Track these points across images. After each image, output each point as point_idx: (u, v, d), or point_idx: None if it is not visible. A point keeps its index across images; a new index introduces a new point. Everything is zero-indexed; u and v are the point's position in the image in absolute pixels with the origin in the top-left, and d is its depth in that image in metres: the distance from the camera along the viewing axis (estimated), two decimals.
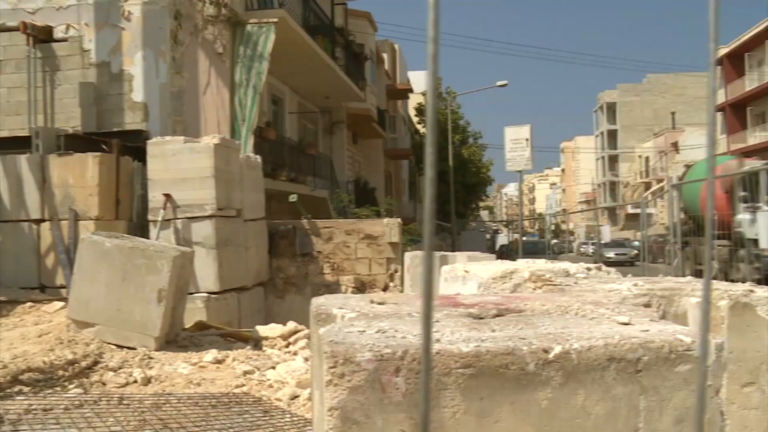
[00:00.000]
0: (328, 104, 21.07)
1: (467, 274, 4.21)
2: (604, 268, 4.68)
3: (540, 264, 4.40)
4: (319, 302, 2.48)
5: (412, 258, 8.88)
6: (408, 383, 1.70)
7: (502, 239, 53.32)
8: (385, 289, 11.04)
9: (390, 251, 11.29)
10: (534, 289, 3.71)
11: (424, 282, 0.88)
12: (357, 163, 26.55)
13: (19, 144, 10.98)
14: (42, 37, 12.39)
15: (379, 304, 2.46)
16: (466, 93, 38.54)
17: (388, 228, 11.33)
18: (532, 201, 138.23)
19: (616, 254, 38.20)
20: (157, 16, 12.27)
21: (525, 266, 4.18)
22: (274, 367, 6.23)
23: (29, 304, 8.80)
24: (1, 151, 10.71)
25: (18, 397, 4.92)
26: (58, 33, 12.59)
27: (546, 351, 1.82)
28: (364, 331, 1.87)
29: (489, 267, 4.29)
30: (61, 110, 12.44)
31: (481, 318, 2.30)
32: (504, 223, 72.63)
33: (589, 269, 4.41)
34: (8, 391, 5.06)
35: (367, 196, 22.86)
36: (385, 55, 31.94)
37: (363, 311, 2.26)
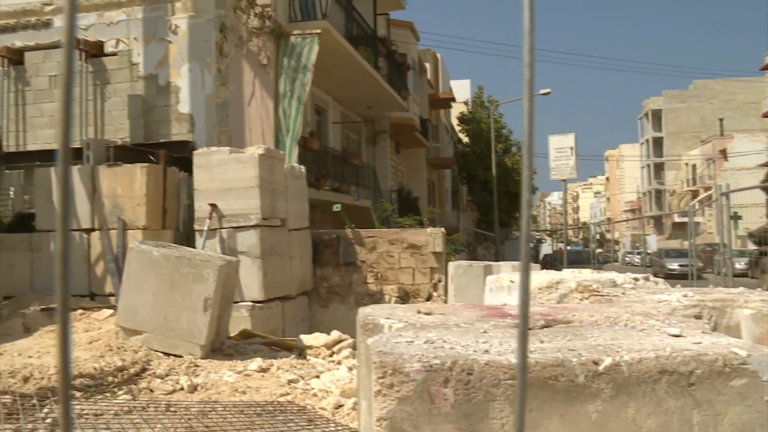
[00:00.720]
0: (371, 114, 21.13)
1: (512, 284, 4.18)
2: (651, 278, 4.60)
3: (586, 274, 4.35)
4: (366, 312, 2.48)
5: (456, 268, 8.82)
6: (457, 394, 1.69)
7: (546, 249, 52.74)
8: (429, 298, 11.00)
9: (434, 261, 11.26)
10: (581, 299, 3.67)
11: (520, 300, 0.86)
12: (400, 173, 26.56)
13: (71, 155, 11.24)
14: (93, 51, 12.74)
15: (426, 314, 2.46)
16: (508, 102, 38.23)
17: (432, 237, 11.30)
18: (576, 210, 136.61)
19: (681, 265, 31.22)
20: (202, 29, 12.49)
21: (571, 276, 4.13)
22: (318, 376, 6.24)
23: (80, 311, 8.97)
24: (55, 163, 10.98)
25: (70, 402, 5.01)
26: (109, 47, 12.92)
27: (596, 363, 1.79)
28: (412, 342, 1.87)
29: (534, 277, 4.25)
30: (111, 122, 12.73)
31: (529, 329, 2.28)
32: (547, 232, 71.93)
33: (636, 279, 4.34)
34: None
35: (410, 206, 22.84)
36: (427, 65, 31.95)
37: (410, 321, 2.26)
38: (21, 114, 13.19)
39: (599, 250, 46.50)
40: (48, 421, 4.45)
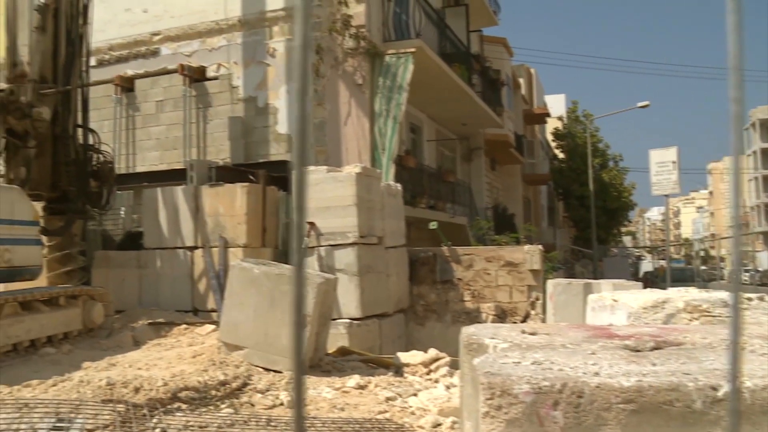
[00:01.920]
0: (465, 131, 21.07)
1: (616, 303, 4.05)
2: (767, 298, 4.37)
3: (694, 293, 4.17)
4: (469, 332, 2.46)
5: (555, 286, 8.64)
6: (566, 417, 1.65)
7: (646, 266, 51.06)
8: (527, 317, 10.82)
9: (531, 279, 11.08)
10: (689, 320, 3.52)
11: (731, 327, 0.83)
12: (495, 189, 26.34)
13: (175, 176, 11.72)
14: (196, 76, 13.27)
15: (531, 334, 2.41)
16: (605, 116, 37.45)
17: (529, 255, 11.13)
18: (677, 225, 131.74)
19: None
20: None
21: (678, 296, 3.97)
22: (416, 394, 6.21)
23: (184, 326, 9.28)
24: (161, 183, 11.47)
25: (177, 414, 5.17)
26: (210, 72, 13.41)
27: (714, 388, 1.71)
28: (519, 363, 1.84)
29: (638, 296, 4.12)
30: (212, 143, 13.19)
31: (639, 350, 2.20)
32: (647, 248, 69.68)
33: (750, 299, 4.13)
34: (168, 407, 5.33)
35: (505, 223, 22.59)
36: (521, 80, 31.65)
37: (515, 342, 2.23)
38: (131, 137, 13.86)
39: (703, 268, 44.57)
40: (157, 431, 4.61)
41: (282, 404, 5.69)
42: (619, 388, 1.68)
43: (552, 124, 39.42)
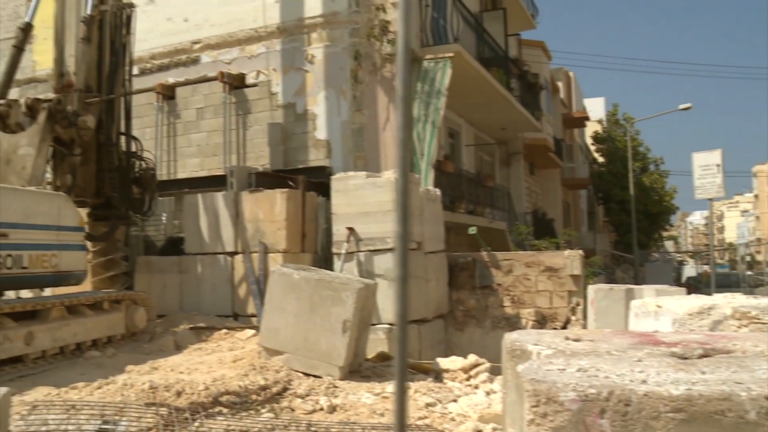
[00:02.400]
0: (504, 135, 20.95)
1: (660, 309, 3.98)
2: None
3: (742, 299, 4.08)
4: (512, 338, 2.44)
5: (596, 291, 8.52)
6: (614, 426, 1.62)
7: (689, 271, 50.15)
8: (567, 323, 10.70)
9: (572, 284, 10.97)
10: (738, 327, 3.45)
11: None
12: (534, 194, 26.13)
13: (216, 182, 11.86)
14: (236, 84, 13.42)
15: (575, 340, 2.38)
16: (645, 119, 36.90)
17: (570, 260, 11.02)
18: (721, 230, 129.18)
19: None
20: (337, 57, 12.86)
21: (724, 302, 3.89)
22: (455, 400, 6.18)
23: (224, 330, 9.37)
24: (201, 189, 11.62)
25: (219, 418, 5.22)
26: (250, 79, 13.55)
27: None
28: (564, 370, 1.81)
29: (683, 302, 4.04)
30: (252, 150, 13.31)
31: (686, 358, 2.15)
32: (690, 253, 68.47)
33: None
34: (210, 411, 5.38)
35: (545, 228, 22.39)
36: (560, 84, 31.37)
37: (559, 348, 2.20)
38: (172, 144, 14.06)
39: (749, 273, 43.65)
40: None
41: (322, 409, 5.71)
42: (668, 396, 1.65)
43: (591, 128, 39.02)
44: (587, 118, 35.61)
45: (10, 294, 9.01)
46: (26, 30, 10.23)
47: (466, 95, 14.73)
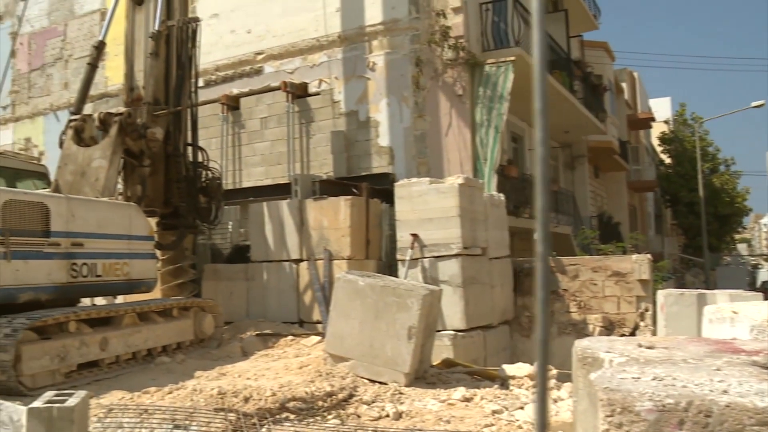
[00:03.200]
0: (567, 139, 20.66)
1: (736, 316, 3.86)
2: None
3: None
4: (583, 345, 2.39)
5: (666, 296, 8.30)
6: None
7: (764, 275, 48.48)
8: (636, 329, 10.46)
9: (640, 289, 10.72)
10: None
11: None
12: (599, 198, 25.67)
13: (280, 190, 12.02)
14: (299, 93, 13.60)
15: (648, 348, 2.32)
16: (715, 118, 35.87)
17: (637, 265, 10.77)
18: None
19: None
20: (399, 64, 12.89)
21: None
22: (522, 408, 6.10)
23: (290, 337, 9.47)
24: (266, 198, 11.79)
25: (285, 423, 5.28)
26: (312, 88, 13.71)
27: None
28: (638, 378, 1.76)
29: (761, 307, 3.91)
30: (316, 158, 13.45)
31: None
32: (765, 257, 66.18)
33: None
34: (277, 417, 5.44)
35: (611, 232, 21.97)
36: (624, 85, 30.78)
37: (632, 356, 2.14)
38: (237, 154, 14.31)
39: None
40: None
41: (388, 416, 5.71)
42: (752, 408, 1.58)
43: (658, 129, 38.15)
44: (653, 119, 34.84)
45: (86, 301, 9.32)
46: (100, 48, 10.59)
47: (528, 99, 14.38)
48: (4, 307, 7.12)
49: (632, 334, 10.46)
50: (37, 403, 3.89)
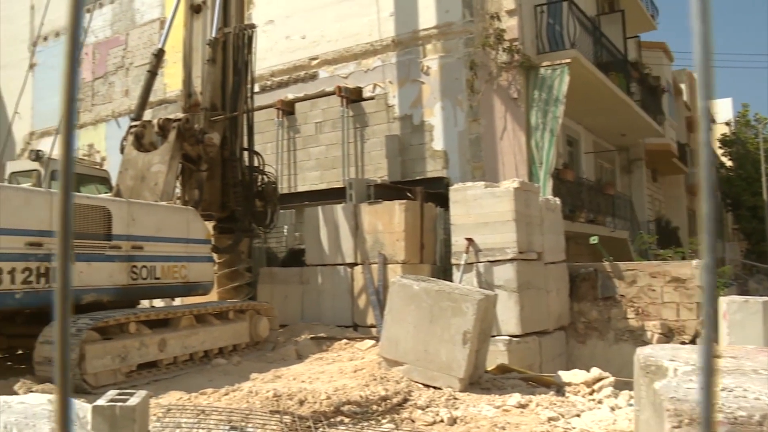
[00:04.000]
0: (624, 142, 20.30)
1: None
2: None
3: None
4: (645, 353, 2.33)
5: (730, 303, 8.07)
6: None
7: None
8: (696, 336, 10.20)
9: (700, 296, 10.44)
10: None
11: None
12: (657, 202, 25.15)
13: (335, 195, 12.09)
14: (353, 97, 13.69)
15: (714, 357, 2.24)
16: None
17: (698, 270, 10.51)
18: None
19: None
20: (453, 68, 12.86)
21: None
22: (579, 415, 6.00)
23: (344, 340, 9.50)
24: (321, 202, 11.87)
25: (340, 427, 5.29)
26: (366, 92, 13.77)
27: None
28: None
29: None
30: (370, 162, 13.50)
31: None
32: None
33: None
34: (332, 420, 5.46)
35: (669, 237, 21.49)
36: (683, 86, 30.10)
37: (698, 365, 2.07)
38: (292, 158, 14.47)
39: None
40: None
41: (442, 421, 5.67)
42: None
43: (719, 130, 37.20)
44: (713, 121, 34.01)
45: (144, 303, 9.52)
46: (159, 55, 10.83)
47: (584, 101, 14.38)
48: None
49: (693, 342, 10.20)
50: (101, 402, 3.99)
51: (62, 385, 1.07)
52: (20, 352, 8.38)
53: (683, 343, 10.13)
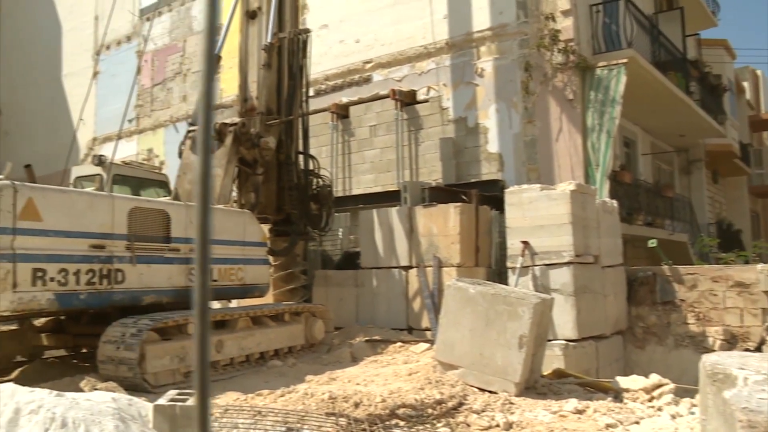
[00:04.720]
0: (683, 142, 19.84)
1: None
2: None
3: None
4: (712, 360, 2.27)
5: None
6: None
7: None
8: (762, 343, 9.91)
9: (765, 301, 10.14)
10: None
11: None
12: (718, 204, 24.52)
13: (390, 198, 12.12)
14: (407, 100, 13.72)
15: None
16: None
17: (763, 275, 10.20)
18: None
19: None
20: (507, 69, 12.77)
21: None
22: (638, 422, 5.89)
23: (399, 343, 9.50)
24: (376, 205, 11.91)
25: (395, 430, 5.30)
26: (420, 95, 13.78)
27: None
28: None
29: None
30: (424, 165, 13.50)
31: None
32: None
33: None
34: (387, 423, 5.47)
35: (731, 240, 20.90)
36: (745, 84, 29.27)
37: None
38: (347, 162, 14.55)
39: None
40: None
41: (498, 425, 5.64)
42: None
43: None
44: None
45: None
46: (215, 61, 11.00)
47: (641, 102, 14.12)
48: (130, 309, 7.51)
49: (758, 349, 9.91)
50: (162, 401, 4.08)
51: (201, 384, 1.10)
52: (84, 350, 8.61)
53: (747, 350, 9.85)
